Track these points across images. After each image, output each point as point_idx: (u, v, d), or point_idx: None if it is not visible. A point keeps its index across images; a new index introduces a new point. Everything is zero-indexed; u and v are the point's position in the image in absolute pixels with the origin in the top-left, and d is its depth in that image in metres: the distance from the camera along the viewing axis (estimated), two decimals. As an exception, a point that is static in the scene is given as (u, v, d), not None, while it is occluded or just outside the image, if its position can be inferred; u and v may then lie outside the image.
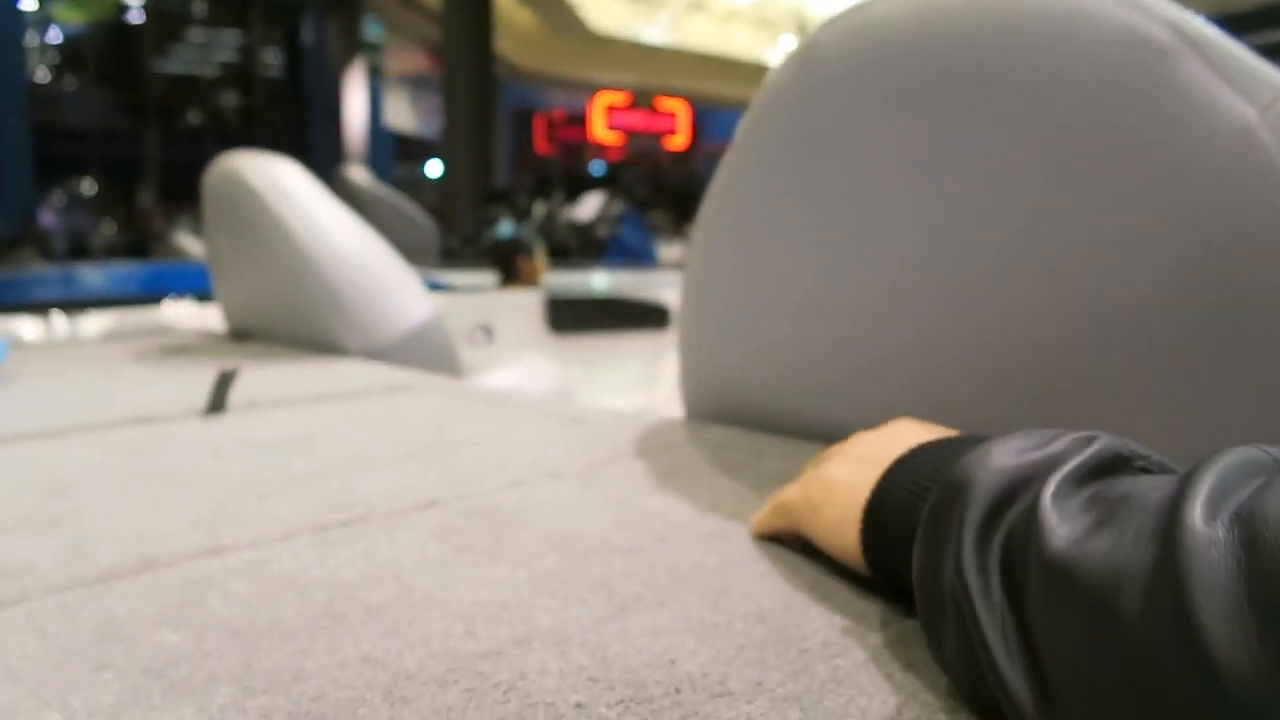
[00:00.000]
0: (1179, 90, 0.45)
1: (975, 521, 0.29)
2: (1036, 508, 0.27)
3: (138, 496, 0.56)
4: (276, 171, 1.37)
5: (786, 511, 0.44)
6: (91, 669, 0.33)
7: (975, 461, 0.31)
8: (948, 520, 0.30)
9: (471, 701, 0.30)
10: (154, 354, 1.36)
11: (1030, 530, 0.27)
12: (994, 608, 0.27)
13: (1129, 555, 0.24)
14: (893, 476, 0.38)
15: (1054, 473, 0.28)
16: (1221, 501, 0.23)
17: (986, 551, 0.28)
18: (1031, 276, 0.51)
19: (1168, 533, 0.23)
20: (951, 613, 0.29)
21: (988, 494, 0.29)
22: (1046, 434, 0.31)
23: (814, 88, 0.60)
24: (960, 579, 0.28)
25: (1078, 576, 0.24)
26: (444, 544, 0.46)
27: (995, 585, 0.27)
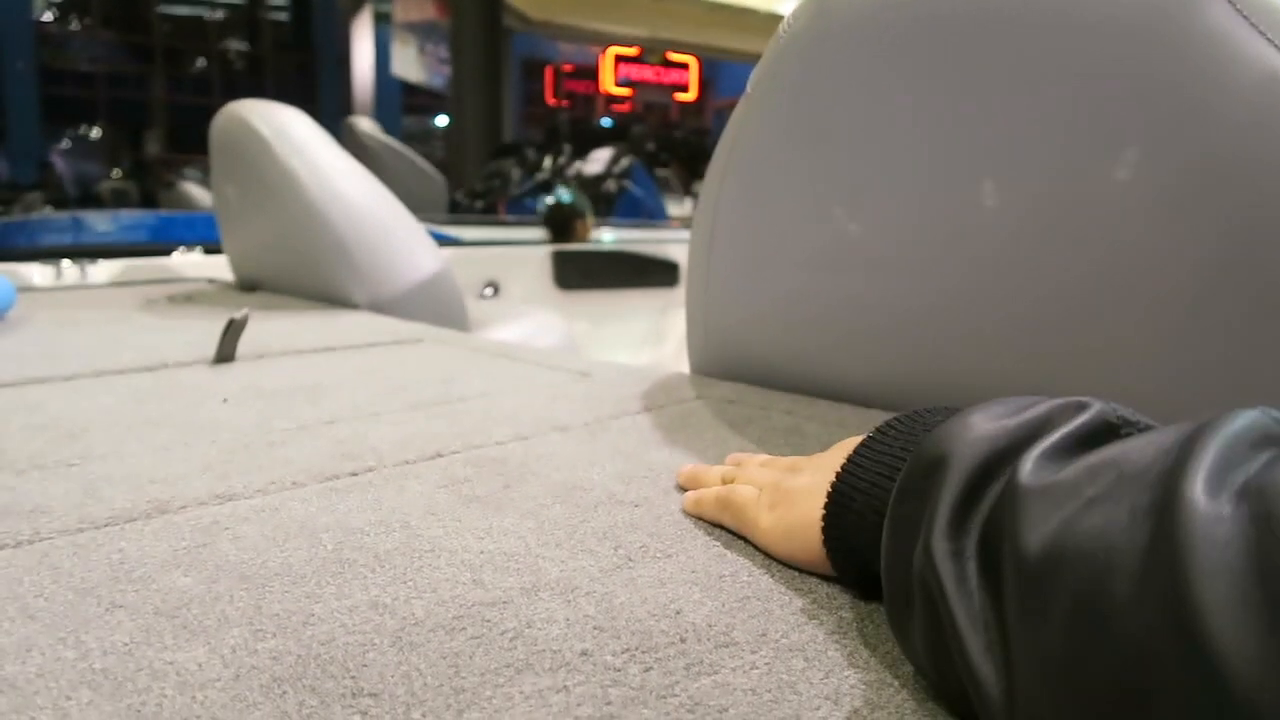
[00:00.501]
0: (1205, 35, 0.44)
1: (950, 500, 0.27)
2: (1015, 482, 0.25)
3: (148, 441, 0.57)
4: (285, 120, 1.36)
5: (736, 510, 0.41)
6: (105, 608, 0.34)
7: (951, 433, 0.28)
8: (920, 498, 0.28)
9: (479, 648, 0.31)
10: (162, 303, 1.36)
11: (1008, 510, 0.24)
12: (969, 594, 0.25)
13: (1120, 534, 0.21)
14: (858, 460, 0.35)
15: (1036, 444, 0.26)
16: (1226, 474, 0.21)
17: (963, 534, 0.26)
18: (1053, 230, 0.50)
19: (1164, 508, 0.20)
20: (920, 598, 0.27)
21: (964, 470, 0.27)
22: (1027, 400, 0.29)
23: (827, 36, 0.58)
24: (931, 563, 0.26)
25: (1061, 557, 0.22)
26: (451, 494, 0.46)
27: (971, 570, 0.25)
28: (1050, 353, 0.52)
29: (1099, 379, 0.51)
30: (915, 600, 0.27)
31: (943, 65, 0.53)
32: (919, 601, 0.27)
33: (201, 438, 0.58)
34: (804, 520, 0.36)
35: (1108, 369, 0.50)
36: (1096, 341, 0.50)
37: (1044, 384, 0.53)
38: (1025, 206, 0.51)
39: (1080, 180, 0.49)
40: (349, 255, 1.29)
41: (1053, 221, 0.50)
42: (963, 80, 0.52)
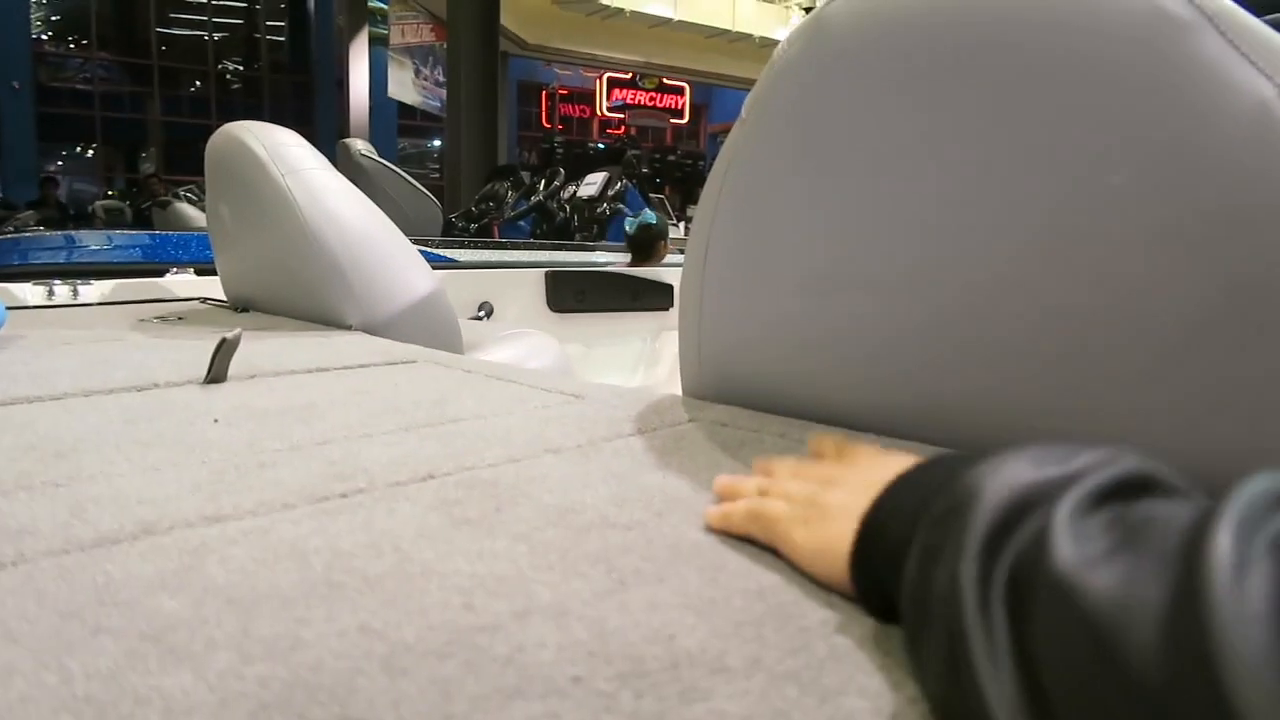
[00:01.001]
0: (1197, 64, 0.44)
1: (982, 531, 0.27)
2: (1049, 525, 0.25)
3: (137, 462, 0.56)
4: (280, 140, 1.37)
5: (767, 524, 0.41)
6: (89, 632, 0.33)
7: (986, 473, 0.29)
8: (948, 527, 0.28)
9: (470, 674, 0.30)
10: (154, 322, 1.36)
11: (1041, 546, 0.25)
12: (988, 625, 0.25)
13: (1146, 579, 0.21)
14: (894, 492, 0.35)
15: (1071, 489, 0.26)
16: (1254, 527, 0.21)
17: (993, 564, 0.26)
18: (1049, 256, 0.51)
19: (1191, 556, 0.21)
20: (938, 621, 0.27)
21: (998, 506, 0.27)
22: (1065, 448, 0.29)
23: (824, 61, 0.59)
24: (954, 587, 0.26)
25: (1086, 596, 0.22)
26: (443, 516, 0.46)
27: (997, 601, 0.25)
28: (1044, 379, 0.52)
29: (1091, 407, 0.51)
30: (933, 625, 0.27)
31: (940, 91, 0.54)
32: (937, 626, 0.27)
33: (191, 458, 0.57)
34: (835, 541, 0.36)
35: (1101, 397, 0.50)
36: (1090, 369, 0.50)
37: (1037, 410, 0.53)
38: (1021, 232, 0.52)
39: (1075, 207, 0.49)
40: (342, 276, 1.29)
41: (1048, 247, 0.51)
42: (959, 106, 0.53)
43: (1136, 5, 0.46)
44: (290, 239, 1.31)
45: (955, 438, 0.56)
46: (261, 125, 1.41)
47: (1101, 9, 0.47)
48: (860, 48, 0.57)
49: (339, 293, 1.30)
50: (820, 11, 0.60)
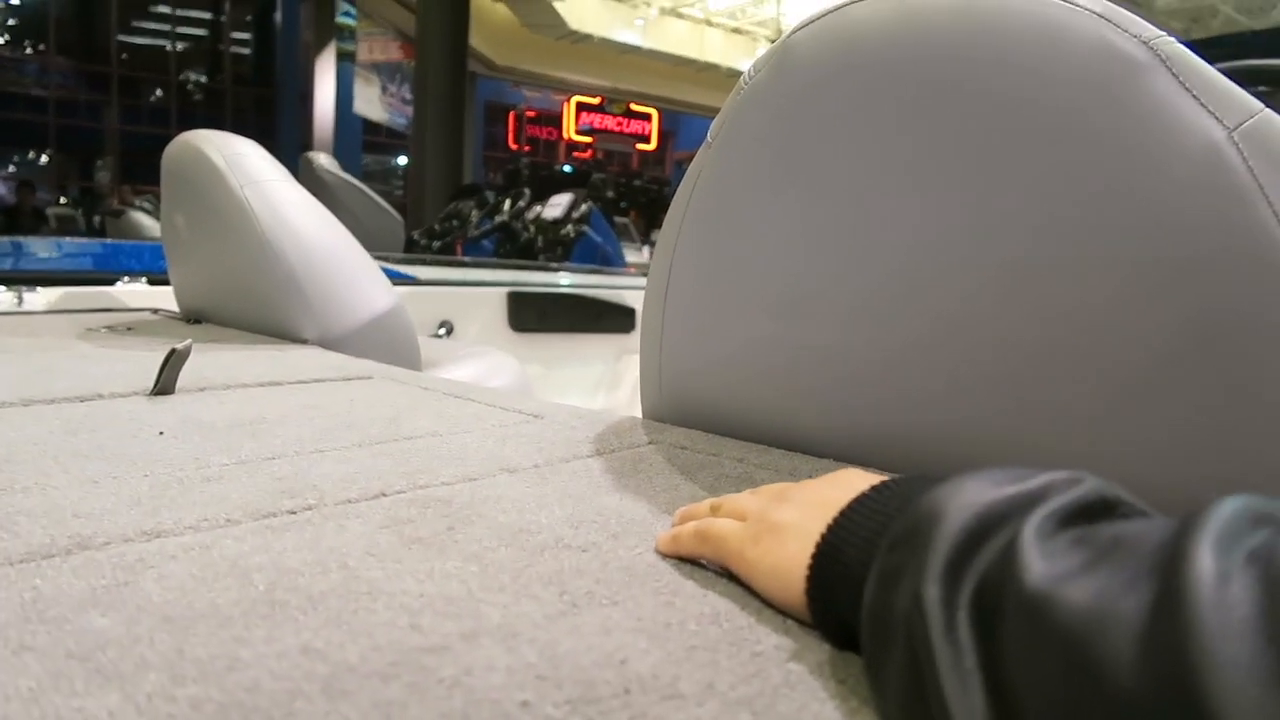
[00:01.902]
0: (1150, 105, 0.45)
1: (944, 551, 0.27)
2: (1017, 543, 0.25)
3: (76, 474, 0.54)
4: (239, 150, 1.34)
5: (716, 544, 0.41)
6: (11, 650, 0.31)
7: (947, 494, 0.29)
8: (909, 549, 0.28)
9: (414, 696, 0.29)
10: (102, 332, 1.32)
11: (1008, 565, 0.24)
12: (955, 646, 0.24)
13: (1121, 593, 0.21)
14: (851, 515, 0.35)
15: (1035, 509, 0.26)
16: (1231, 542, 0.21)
17: (957, 585, 0.26)
18: (1013, 288, 0.51)
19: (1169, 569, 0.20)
20: (901, 643, 0.26)
21: (960, 527, 0.27)
22: (1022, 470, 0.29)
23: (790, 88, 0.59)
24: (918, 609, 0.26)
25: (1059, 611, 0.22)
26: (394, 535, 0.45)
27: (963, 621, 0.25)
28: (1007, 411, 0.53)
29: (1056, 439, 0.51)
30: (895, 648, 0.27)
31: (901, 123, 0.54)
32: (899, 649, 0.26)
33: (133, 471, 0.55)
34: (790, 563, 0.36)
35: (1065, 430, 0.51)
36: (1053, 402, 0.51)
37: (1000, 441, 0.53)
38: (983, 264, 0.52)
39: (1034, 241, 0.50)
40: (299, 289, 1.27)
41: (1010, 280, 0.51)
42: (920, 139, 0.54)
43: (1090, 45, 0.47)
44: (247, 250, 1.29)
45: (917, 465, 0.56)
46: (220, 134, 1.39)
47: (1056, 49, 0.48)
48: (824, 76, 0.58)
49: (295, 306, 1.27)
50: (787, 38, 0.60)
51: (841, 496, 0.36)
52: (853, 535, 0.34)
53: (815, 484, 0.41)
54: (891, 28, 0.54)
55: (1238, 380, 0.45)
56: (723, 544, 0.40)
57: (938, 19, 0.52)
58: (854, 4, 0.57)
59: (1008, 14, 0.50)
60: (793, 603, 0.36)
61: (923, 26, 0.53)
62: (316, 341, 1.27)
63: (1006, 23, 0.50)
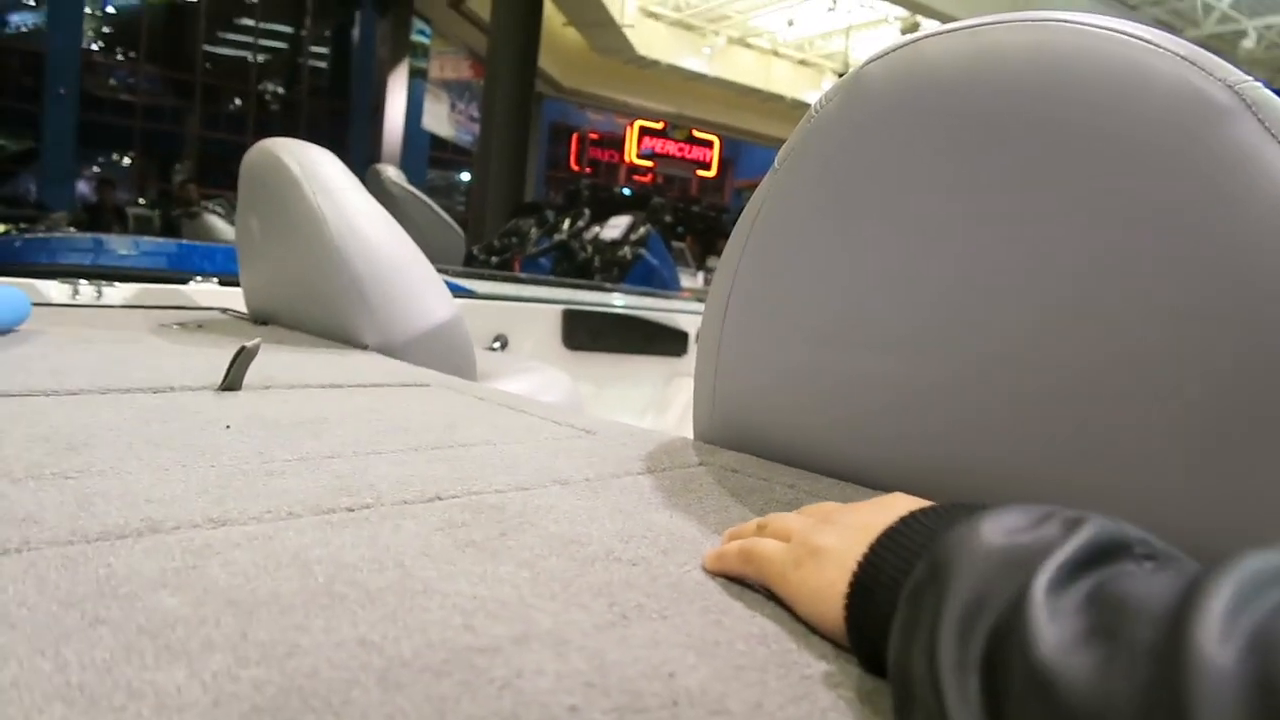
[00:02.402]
0: (1234, 151, 0.45)
1: (956, 611, 0.27)
2: (1026, 601, 0.25)
3: (148, 461, 0.56)
4: (314, 159, 1.39)
5: (760, 564, 0.41)
6: (88, 623, 0.33)
7: (960, 541, 0.29)
8: (924, 604, 0.29)
9: (466, 694, 0.30)
10: (174, 328, 1.37)
11: (1017, 626, 0.25)
12: (968, 709, 0.25)
13: (1122, 675, 0.21)
14: (880, 550, 0.35)
15: (1047, 559, 0.26)
16: (1235, 620, 0.20)
17: (967, 645, 0.26)
18: (1074, 330, 0.50)
19: (1169, 656, 0.20)
20: (921, 704, 0.27)
21: (971, 581, 0.27)
22: (1038, 511, 0.29)
23: (860, 119, 0.60)
24: (933, 674, 0.26)
25: (1063, 691, 0.22)
26: (448, 537, 0.46)
27: (974, 685, 0.25)
28: (1056, 451, 0.52)
29: (1104, 483, 0.50)
30: (917, 705, 0.27)
31: (971, 158, 0.54)
32: (924, 707, 0.27)
33: (201, 461, 0.57)
34: (830, 590, 0.36)
35: (1113, 474, 0.50)
36: (1104, 446, 0.50)
37: (1049, 475, 0.53)
38: (1043, 303, 0.52)
39: (1099, 282, 0.49)
40: (364, 296, 1.30)
41: (1070, 320, 0.51)
42: (990, 174, 0.53)
43: (1173, 87, 0.47)
44: (316, 255, 1.32)
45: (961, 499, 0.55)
46: (297, 143, 1.44)
47: (1137, 89, 0.48)
48: (896, 107, 0.58)
49: (359, 312, 1.31)
50: (860, 69, 0.60)
51: (881, 523, 0.37)
52: (881, 574, 0.34)
53: (861, 507, 0.42)
54: (966, 62, 0.54)
55: None
56: (766, 565, 0.41)
57: (1014, 54, 0.52)
58: (928, 37, 0.57)
59: (1088, 52, 0.49)
60: (832, 628, 0.36)
61: (998, 61, 0.53)
62: (377, 348, 1.30)
63: (1086, 60, 0.49)
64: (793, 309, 0.65)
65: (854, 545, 0.37)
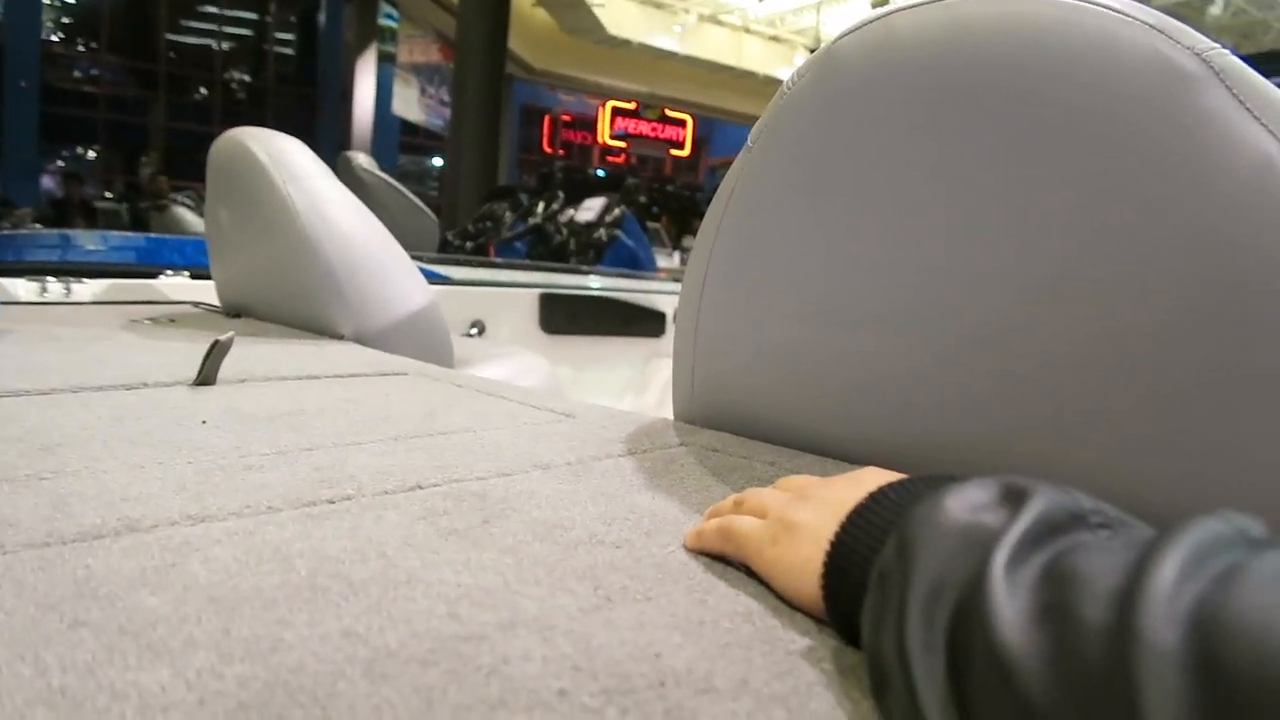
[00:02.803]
0: (1203, 118, 0.45)
1: (920, 592, 0.28)
2: (986, 579, 0.26)
3: (123, 459, 0.56)
4: (283, 148, 1.37)
5: (738, 541, 0.41)
6: (67, 625, 0.32)
7: (924, 519, 0.30)
8: (891, 587, 0.29)
9: (453, 682, 0.30)
10: (146, 323, 1.35)
11: (978, 604, 0.25)
12: (937, 689, 0.25)
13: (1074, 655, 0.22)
14: (851, 528, 0.36)
15: (1006, 534, 0.27)
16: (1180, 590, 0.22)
17: (932, 626, 0.27)
18: (1050, 303, 0.51)
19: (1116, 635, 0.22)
20: (896, 686, 0.27)
21: (934, 561, 0.28)
22: (996, 485, 0.30)
23: (833, 95, 0.60)
24: (902, 655, 0.27)
25: (1020, 672, 0.23)
26: (430, 526, 0.46)
27: (939, 666, 0.26)
28: (1036, 424, 0.52)
29: (1085, 456, 0.51)
30: (892, 686, 0.28)
31: (946, 132, 0.54)
32: (897, 688, 0.27)
33: (178, 458, 0.57)
34: (805, 566, 0.37)
35: (1096, 446, 0.50)
36: (1087, 418, 0.50)
37: (1030, 453, 0.53)
38: (1021, 278, 0.52)
39: (1076, 254, 0.50)
40: (337, 285, 1.29)
41: (1047, 294, 0.51)
42: (965, 149, 0.53)
43: (1143, 56, 0.47)
44: (288, 246, 1.31)
45: None
46: (265, 131, 1.42)
47: (1108, 59, 0.48)
48: (869, 83, 0.58)
49: (333, 302, 1.29)
50: (831, 45, 0.60)
51: (855, 498, 0.37)
52: (853, 553, 0.35)
53: (834, 481, 0.42)
54: (937, 35, 0.54)
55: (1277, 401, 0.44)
56: (744, 542, 0.41)
57: (985, 27, 0.52)
58: (899, 12, 0.57)
59: (1058, 23, 0.49)
60: (810, 604, 0.37)
61: (970, 34, 0.53)
62: (353, 337, 1.29)
63: (1057, 32, 0.49)
64: (770, 288, 0.65)
65: (828, 521, 0.37)
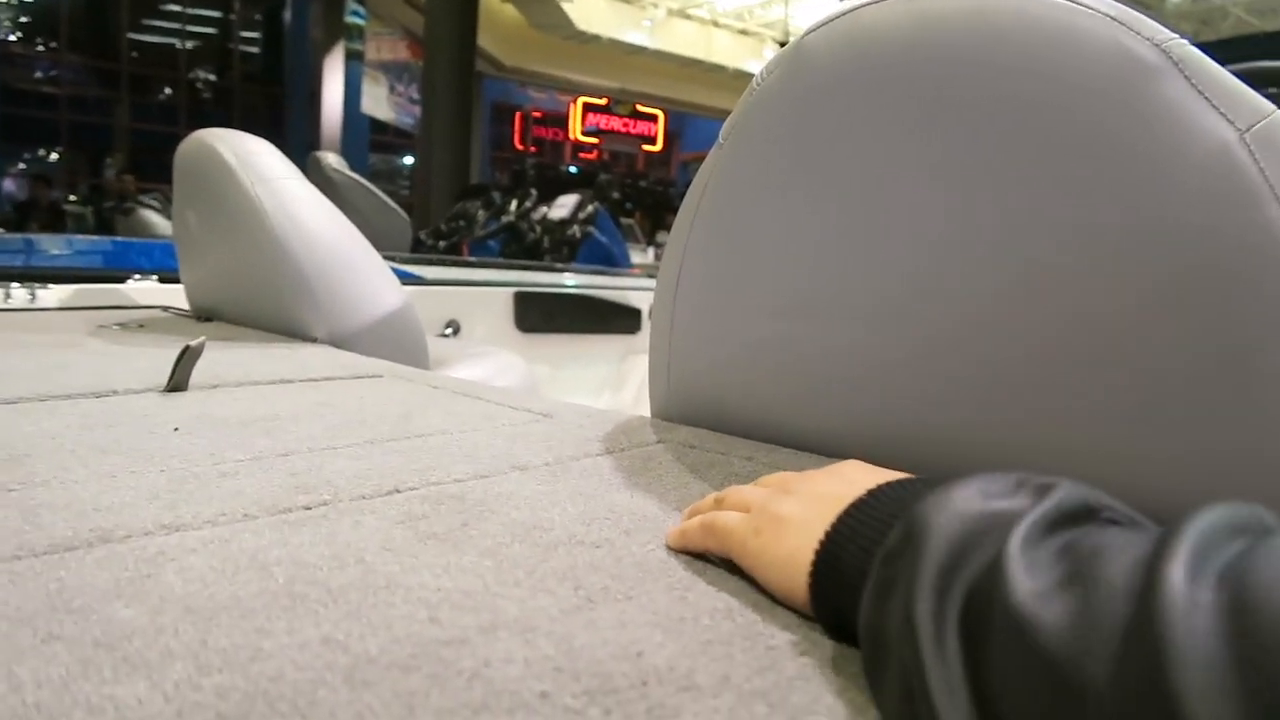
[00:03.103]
0: (1162, 108, 0.46)
1: (933, 567, 0.28)
2: (1003, 555, 0.25)
3: (94, 468, 0.55)
4: (251, 149, 1.35)
5: (721, 536, 0.41)
6: (40, 639, 0.32)
7: (935, 506, 0.30)
8: (901, 564, 0.29)
9: (435, 687, 0.30)
10: (114, 329, 1.33)
11: (994, 578, 0.25)
12: (944, 658, 0.25)
13: (1099, 614, 0.22)
14: (849, 520, 0.35)
15: (1021, 519, 0.27)
16: (1204, 561, 0.22)
17: (945, 599, 0.27)
18: (1023, 293, 0.51)
19: (1144, 593, 0.21)
20: (895, 655, 0.27)
21: (948, 541, 0.28)
22: (1009, 478, 0.30)
23: (803, 90, 0.60)
24: (909, 625, 0.27)
25: (1042, 631, 0.23)
26: (408, 530, 0.46)
27: (951, 634, 0.26)
28: (1014, 414, 0.53)
29: (1066, 444, 0.51)
30: (890, 660, 0.27)
31: (914, 124, 0.55)
32: (894, 662, 0.27)
33: (150, 466, 0.56)
34: (793, 559, 0.37)
35: (1076, 435, 0.51)
36: (1065, 407, 0.51)
37: (1011, 443, 0.54)
38: (993, 268, 0.53)
39: (1046, 245, 0.50)
40: (309, 287, 1.28)
41: (1020, 284, 0.52)
42: (933, 141, 0.54)
43: (1104, 48, 0.48)
44: (258, 248, 1.29)
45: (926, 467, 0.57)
46: (233, 133, 1.40)
47: (1069, 51, 0.48)
48: (837, 78, 0.58)
49: (305, 304, 1.28)
50: (800, 40, 0.61)
51: (842, 492, 0.37)
52: (850, 544, 0.35)
53: (817, 475, 0.42)
54: (904, 30, 0.55)
55: (1249, 385, 0.45)
56: (727, 536, 0.41)
57: (951, 21, 0.53)
58: (867, 6, 0.57)
59: (1021, 16, 0.50)
60: (795, 596, 0.37)
61: (936, 28, 0.53)
62: (326, 340, 1.28)
63: (1020, 25, 0.50)
64: (744, 283, 0.66)
65: (816, 514, 0.37)
